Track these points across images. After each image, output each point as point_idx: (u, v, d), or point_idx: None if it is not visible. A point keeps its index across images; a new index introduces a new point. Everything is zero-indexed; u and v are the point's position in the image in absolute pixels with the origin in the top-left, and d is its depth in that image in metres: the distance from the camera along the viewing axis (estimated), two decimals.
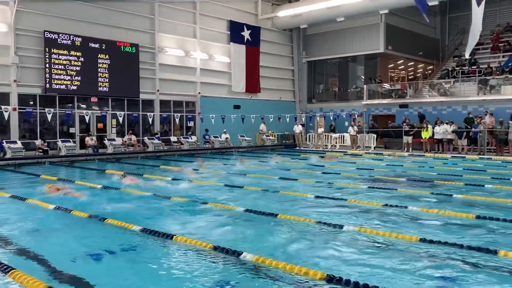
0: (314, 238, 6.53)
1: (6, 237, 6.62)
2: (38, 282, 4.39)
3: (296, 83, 33.20)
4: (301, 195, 10.07)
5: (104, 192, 10.89)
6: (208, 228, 7.23)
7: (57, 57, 20.64)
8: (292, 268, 4.95)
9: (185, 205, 9.04)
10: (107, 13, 22.68)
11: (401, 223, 7.53)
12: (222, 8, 28.11)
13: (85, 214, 7.87)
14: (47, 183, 11.62)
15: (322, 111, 31.34)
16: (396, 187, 11.31)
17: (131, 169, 16.02)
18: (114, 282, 4.87)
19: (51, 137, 21.02)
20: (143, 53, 24.08)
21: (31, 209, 8.82)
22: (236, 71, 28.75)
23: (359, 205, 8.97)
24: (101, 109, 22.86)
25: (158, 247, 6.09)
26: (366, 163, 18.38)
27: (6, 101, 19.45)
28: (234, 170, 15.37)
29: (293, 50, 33.02)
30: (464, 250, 5.78)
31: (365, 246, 6.12)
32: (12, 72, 19.58)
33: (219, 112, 25.75)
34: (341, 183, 12.11)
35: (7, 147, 17.99)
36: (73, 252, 5.93)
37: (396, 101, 28.45)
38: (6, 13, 19.36)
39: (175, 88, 25.81)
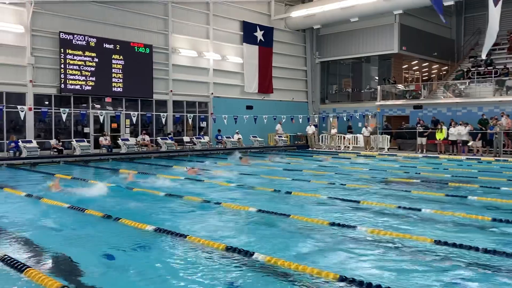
0: (327, 239, 6.50)
1: (22, 236, 6.70)
2: (52, 281, 4.43)
3: (309, 83, 33.11)
4: (314, 196, 10.03)
5: (117, 192, 10.97)
6: (221, 228, 7.25)
7: (72, 58, 20.88)
8: (305, 269, 4.93)
9: (198, 205, 9.07)
10: (121, 14, 22.88)
11: (415, 224, 7.46)
12: (235, 9, 28.16)
13: (100, 213, 7.94)
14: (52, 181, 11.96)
15: (335, 112, 31.21)
16: (409, 188, 11.21)
17: (145, 169, 16.11)
18: (127, 281, 4.90)
19: (66, 136, 21.26)
20: (157, 53, 24.23)
21: (46, 207, 8.92)
22: (248, 71, 28.77)
23: (372, 207, 8.91)
24: (115, 109, 23.06)
25: (171, 247, 6.11)
26: (379, 164, 18.24)
27: (22, 101, 19.73)
28: (246, 171, 15.38)
29: (306, 50, 32.94)
30: (479, 253, 5.70)
31: (378, 247, 6.07)
32: (28, 73, 19.86)
33: (232, 113, 25.80)
34: (353, 185, 12.04)
35: (23, 147, 18.23)
36: (87, 251, 5.98)
37: (410, 102, 28.21)
38: (22, 15, 19.64)
39: (188, 89, 25.92)
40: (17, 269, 4.91)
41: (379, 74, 32.76)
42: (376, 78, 33.04)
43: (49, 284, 4.37)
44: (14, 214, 8.29)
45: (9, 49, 19.34)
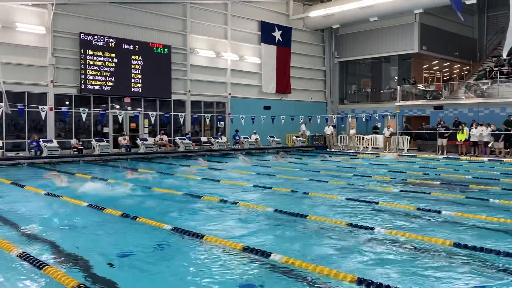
0: (345, 240, 6.42)
1: (41, 234, 6.78)
2: (70, 279, 4.45)
3: (328, 83, 32.90)
4: (331, 197, 9.93)
5: (135, 191, 11.04)
6: (238, 228, 7.23)
7: (92, 58, 21.14)
8: (322, 270, 4.87)
9: (215, 205, 9.07)
10: (140, 15, 23.08)
11: (434, 227, 7.32)
12: (253, 9, 28.16)
13: (118, 212, 7.99)
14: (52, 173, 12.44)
15: (354, 112, 30.94)
16: (429, 190, 11.02)
17: (163, 169, 16.19)
18: (144, 280, 4.91)
19: (86, 136, 21.54)
20: (175, 54, 24.37)
21: (65, 206, 9.02)
22: (266, 71, 28.73)
23: (390, 208, 8.78)
24: (134, 109, 23.27)
25: (188, 247, 6.11)
26: (399, 165, 18.00)
27: (43, 101, 20.07)
28: (263, 171, 15.34)
29: (325, 50, 32.75)
30: (501, 257, 5.55)
31: (396, 249, 5.97)
32: (49, 73, 20.18)
33: (249, 113, 25.79)
34: (372, 186, 11.89)
35: (44, 146, 18.52)
36: (104, 249, 6.03)
37: (431, 103, 27.80)
38: (44, 16, 19.97)
39: (206, 89, 26.01)
40: (35, 266, 4.96)
41: (399, 74, 32.37)
42: (395, 78, 32.66)
43: (66, 282, 4.40)
44: (33, 212, 8.41)
45: (31, 50, 19.69)
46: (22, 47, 19.43)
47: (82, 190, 10.70)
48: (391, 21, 28.90)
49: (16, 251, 5.49)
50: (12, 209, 8.61)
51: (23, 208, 8.78)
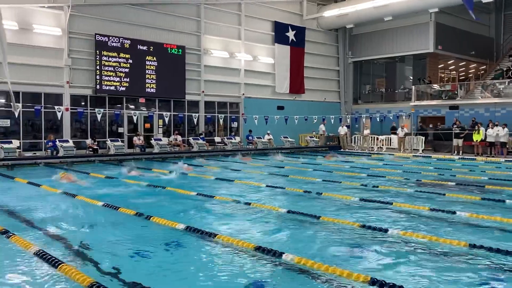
0: (358, 241, 6.39)
1: (56, 232, 6.88)
2: (84, 277, 4.51)
3: (342, 83, 32.76)
4: (345, 198, 9.89)
5: (149, 190, 11.13)
6: (250, 228, 7.25)
7: (107, 59, 21.36)
8: (335, 270, 4.86)
9: (228, 205, 9.10)
10: (155, 16, 23.26)
11: (449, 228, 7.24)
12: (267, 9, 28.16)
13: (132, 211, 8.06)
14: (61, 172, 12.86)
15: (368, 112, 30.75)
16: (444, 191, 10.90)
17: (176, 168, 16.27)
18: (156, 279, 4.95)
19: (101, 136, 21.77)
20: (189, 54, 24.50)
21: (80, 205, 9.14)
22: (280, 72, 28.71)
23: (404, 209, 8.71)
24: (148, 109, 23.45)
25: (201, 246, 6.14)
26: (414, 166, 17.84)
27: (59, 101, 20.34)
28: (276, 171, 15.34)
29: (339, 50, 32.61)
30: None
31: (411, 250, 5.93)
32: (65, 74, 20.45)
33: (263, 113, 25.80)
34: (386, 186, 11.81)
35: (60, 146, 18.76)
36: (119, 248, 6.09)
37: (446, 103, 27.49)
38: (60, 18, 20.24)
39: (220, 89, 26.10)
40: (51, 264, 5.03)
41: (414, 73, 32.09)
42: (410, 78, 32.39)
43: (81, 280, 4.46)
44: (48, 211, 8.53)
45: (48, 51, 19.98)
46: (39, 49, 19.72)
47: (97, 190, 10.82)
48: (406, 20, 28.67)
49: (33, 248, 5.58)
50: (28, 208, 8.75)
51: (39, 207, 8.91)
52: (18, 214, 8.17)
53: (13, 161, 16.83)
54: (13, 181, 12.80)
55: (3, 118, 19.06)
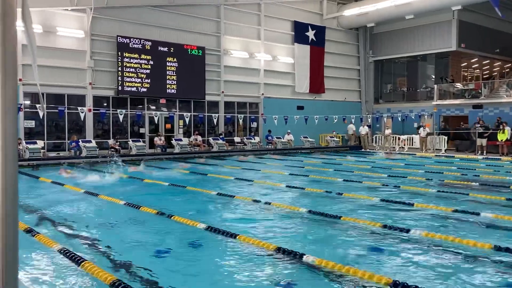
0: (380, 242, 6.32)
1: (79, 230, 6.99)
2: (107, 274, 4.58)
3: (362, 83, 32.47)
4: (366, 198, 9.80)
5: (170, 190, 11.23)
6: (270, 228, 7.24)
7: (128, 61, 21.62)
8: (356, 272, 4.81)
9: (249, 205, 9.11)
10: (175, 17, 23.45)
11: (473, 229, 7.10)
12: (287, 9, 28.11)
13: (154, 210, 8.14)
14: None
15: (389, 112, 30.40)
16: (467, 192, 10.70)
17: (197, 168, 16.37)
18: (178, 278, 4.98)
19: (123, 136, 22.05)
20: (209, 55, 24.62)
21: (103, 204, 9.28)
22: (300, 71, 28.62)
23: (426, 210, 8.58)
24: (169, 110, 23.66)
25: (221, 246, 6.16)
26: (436, 166, 17.57)
27: (82, 102, 20.68)
28: (296, 172, 15.30)
29: (359, 49, 32.33)
30: None
31: (433, 252, 5.83)
32: (88, 75, 20.78)
33: (282, 113, 25.75)
34: (408, 187, 11.65)
35: (83, 146, 19.07)
36: (140, 246, 6.16)
37: (470, 102, 26.99)
38: (83, 20, 20.58)
39: (239, 90, 26.16)
40: (74, 262, 5.12)
41: (436, 72, 31.59)
42: (432, 77, 31.88)
43: (103, 277, 4.52)
44: (72, 210, 8.68)
45: (71, 53, 20.33)
46: (62, 51, 20.09)
47: (119, 189, 10.96)
48: (427, 18, 28.24)
49: (57, 246, 5.68)
50: (52, 207, 8.91)
51: (62, 206, 9.06)
52: (42, 213, 8.34)
53: (37, 161, 17.19)
54: (37, 180, 13.06)
55: (28, 119, 19.47)
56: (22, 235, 6.34)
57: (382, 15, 28.23)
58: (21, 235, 6.31)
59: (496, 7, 17.47)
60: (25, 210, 8.57)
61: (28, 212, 8.45)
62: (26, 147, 17.66)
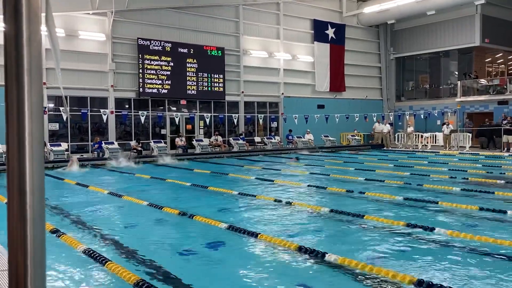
0: (403, 241, 6.24)
1: (103, 231, 7.10)
2: (131, 274, 4.63)
3: (384, 80, 32.10)
4: (388, 197, 9.69)
5: (192, 190, 11.31)
6: (292, 227, 7.22)
7: (149, 63, 21.85)
8: (379, 271, 4.77)
9: (270, 204, 9.10)
10: (194, 18, 23.60)
11: (500, 228, 6.95)
12: (306, 8, 27.99)
13: (176, 211, 8.21)
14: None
15: (412, 110, 29.99)
16: (493, 190, 10.47)
17: (218, 168, 16.44)
18: (200, 277, 5.01)
19: (145, 138, 22.29)
20: (228, 56, 24.70)
21: (126, 205, 9.40)
22: (319, 70, 28.47)
23: (451, 208, 8.43)
24: (189, 111, 23.82)
25: (243, 245, 6.17)
26: (460, 164, 17.26)
27: (104, 105, 20.98)
28: (317, 171, 15.23)
29: (380, 46, 31.97)
30: None
31: (458, 251, 5.72)
32: (110, 78, 21.08)
33: (303, 112, 25.64)
34: (432, 185, 11.47)
35: (106, 148, 19.36)
36: (163, 247, 6.22)
37: (494, 98, 26.41)
38: (104, 24, 20.89)
39: (259, 89, 26.16)
40: (98, 262, 5.20)
41: (459, 69, 30.99)
42: (455, 73, 31.29)
43: (127, 277, 4.58)
44: (95, 211, 8.82)
45: (93, 56, 20.66)
46: (84, 54, 20.42)
47: (142, 189, 11.08)
48: (450, 13, 27.75)
49: (81, 247, 5.78)
50: (77, 208, 9.07)
51: (87, 206, 9.22)
52: (67, 213, 8.49)
53: (62, 163, 17.51)
54: (62, 182, 13.31)
55: (52, 122, 19.86)
56: (48, 236, 6.47)
57: (403, 12, 27.85)
58: (47, 236, 6.43)
59: None
60: (51, 211, 8.74)
61: (53, 213, 8.62)
62: (50, 150, 18.01)
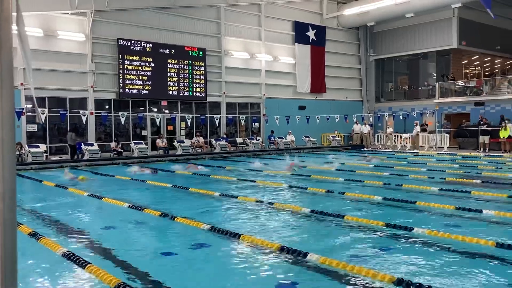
0: (383, 240, 6.32)
1: (84, 233, 7.01)
2: (111, 277, 4.58)
3: (363, 82, 32.45)
4: (368, 197, 9.79)
5: (173, 191, 11.24)
6: (274, 228, 7.25)
7: (129, 63, 21.65)
8: (360, 270, 4.81)
9: (251, 205, 9.10)
10: (175, 19, 23.49)
11: (476, 227, 7.10)
12: (287, 9, 28.12)
13: (157, 212, 8.15)
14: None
15: (391, 111, 30.37)
16: (469, 189, 10.67)
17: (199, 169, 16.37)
18: (182, 279, 4.99)
19: (125, 139, 22.07)
20: (210, 57, 24.64)
21: (106, 207, 9.29)
22: (301, 71, 28.62)
23: (429, 208, 8.57)
24: (170, 112, 23.67)
25: (226, 246, 6.17)
26: (438, 164, 17.54)
27: (84, 105, 20.71)
28: (298, 172, 15.29)
29: (360, 48, 32.32)
30: None
31: (436, 249, 5.83)
32: (89, 79, 20.82)
33: (284, 113, 25.74)
34: (410, 185, 11.63)
35: (85, 149, 19.11)
36: (144, 248, 6.18)
37: (471, 99, 26.95)
38: (84, 24, 20.62)
39: (241, 90, 26.17)
40: (79, 265, 5.12)
41: (437, 70, 31.53)
42: (434, 75, 31.83)
43: (108, 280, 4.53)
44: (76, 213, 8.70)
45: (72, 56, 20.38)
46: (64, 54, 20.13)
47: (122, 191, 10.97)
48: (428, 16, 28.23)
49: (61, 250, 5.69)
50: (57, 210, 8.93)
51: (67, 209, 9.09)
52: (46, 216, 8.35)
53: (40, 165, 17.22)
54: (41, 184, 13.09)
55: (30, 123, 19.51)
56: (26, 239, 6.36)
57: (383, 14, 28.22)
58: (26, 239, 6.34)
59: (488, 9, 17.38)
60: (29, 214, 8.59)
61: (32, 215, 8.47)
62: (28, 151, 17.69)
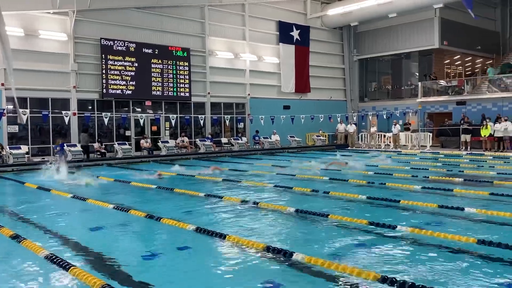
0: (367, 239, 6.39)
1: (67, 235, 6.93)
2: (95, 279, 4.55)
3: (347, 81, 32.69)
4: (352, 196, 9.88)
5: (158, 192, 11.19)
6: (260, 228, 7.27)
7: (113, 63, 21.47)
8: (345, 269, 4.86)
9: (237, 205, 9.11)
10: (159, 19, 23.36)
11: (458, 224, 7.22)
12: (271, 9, 28.18)
13: (142, 213, 8.11)
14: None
15: (374, 110, 30.65)
16: (451, 187, 10.84)
17: (184, 170, 16.30)
18: (166, 280, 4.98)
19: (108, 140, 21.88)
20: (194, 56, 24.57)
21: (90, 208, 9.21)
22: (285, 71, 28.72)
23: (412, 206, 8.68)
24: (155, 112, 23.54)
25: (211, 247, 6.17)
26: (421, 163, 17.77)
27: (66, 106, 20.48)
28: (283, 171, 15.35)
29: (344, 48, 32.55)
30: None
31: (420, 247, 5.91)
32: (72, 79, 20.59)
33: (269, 113, 25.81)
34: (393, 184, 11.77)
35: (68, 150, 18.88)
36: (129, 250, 6.15)
37: (453, 98, 27.36)
38: (66, 23, 20.39)
39: (225, 90, 26.15)
40: (62, 267, 5.07)
41: (420, 70, 31.94)
42: (416, 75, 32.24)
43: (92, 282, 4.49)
44: (60, 215, 8.60)
45: (54, 56, 20.12)
46: (45, 54, 19.87)
47: (107, 192, 10.88)
48: (410, 16, 28.56)
49: (44, 252, 5.63)
50: (39, 212, 8.82)
51: (50, 211, 8.98)
52: (28, 218, 8.24)
53: (22, 167, 16.96)
54: (23, 186, 12.90)
55: (12, 124, 19.21)
56: (8, 242, 6.27)
57: (366, 14, 28.48)
58: (7, 242, 6.25)
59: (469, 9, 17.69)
60: (11, 216, 8.47)
61: (13, 218, 8.35)
62: (10, 153, 17.42)
